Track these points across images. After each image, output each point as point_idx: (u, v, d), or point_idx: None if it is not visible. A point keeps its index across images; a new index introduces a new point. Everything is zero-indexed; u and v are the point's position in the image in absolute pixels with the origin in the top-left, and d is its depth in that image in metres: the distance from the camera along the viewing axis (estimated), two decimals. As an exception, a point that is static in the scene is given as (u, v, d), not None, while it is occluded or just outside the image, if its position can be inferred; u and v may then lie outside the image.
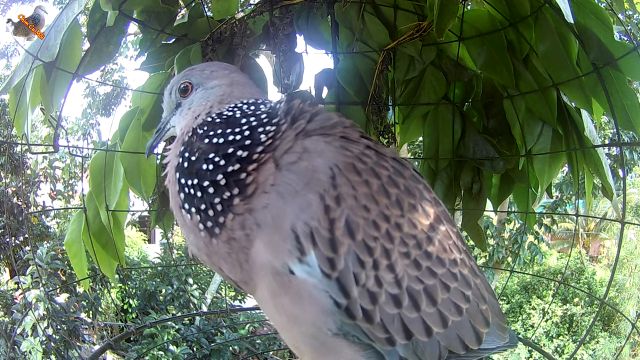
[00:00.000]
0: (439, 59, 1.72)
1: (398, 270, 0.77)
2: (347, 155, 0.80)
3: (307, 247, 0.75)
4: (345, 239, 0.75)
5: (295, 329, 0.82)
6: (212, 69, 0.99)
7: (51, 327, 5.13)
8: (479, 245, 1.87)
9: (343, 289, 0.74)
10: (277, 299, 0.80)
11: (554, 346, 10.36)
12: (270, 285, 0.80)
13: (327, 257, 0.74)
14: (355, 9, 1.68)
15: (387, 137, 1.76)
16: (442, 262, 0.82)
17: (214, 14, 1.66)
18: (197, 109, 0.93)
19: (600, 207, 13.86)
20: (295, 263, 0.75)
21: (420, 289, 0.78)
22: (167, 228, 1.83)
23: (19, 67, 1.36)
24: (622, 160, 1.64)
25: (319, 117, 0.87)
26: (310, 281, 0.75)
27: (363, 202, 0.77)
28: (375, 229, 0.76)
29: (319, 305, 0.76)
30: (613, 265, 2.52)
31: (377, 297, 0.76)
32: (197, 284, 7.46)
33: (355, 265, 0.75)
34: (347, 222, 0.75)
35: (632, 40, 1.44)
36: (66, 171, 8.44)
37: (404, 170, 0.86)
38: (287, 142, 0.82)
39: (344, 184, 0.77)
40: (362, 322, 0.76)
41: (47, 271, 5.18)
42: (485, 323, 0.86)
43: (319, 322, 0.77)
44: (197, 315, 4.00)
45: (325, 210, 0.75)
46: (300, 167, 0.78)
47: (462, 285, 0.84)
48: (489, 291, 0.92)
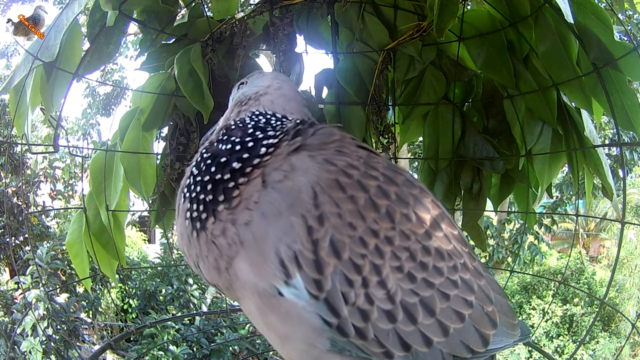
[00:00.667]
0: (439, 59, 1.72)
1: (390, 285, 0.75)
2: (331, 171, 0.78)
3: (292, 271, 0.73)
4: (330, 259, 0.73)
5: (288, 345, 0.81)
6: (267, 74, 1.07)
7: (51, 327, 5.13)
8: (479, 245, 1.87)
9: (332, 309, 0.73)
10: (266, 318, 0.80)
11: (554, 346, 10.36)
12: (257, 304, 0.79)
13: (313, 279, 0.73)
14: (355, 9, 1.68)
15: (387, 137, 1.76)
16: (439, 271, 0.79)
17: (214, 14, 1.66)
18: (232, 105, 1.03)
19: (600, 207, 13.85)
20: (282, 286, 0.75)
21: (415, 302, 0.76)
22: (167, 228, 1.83)
23: (19, 67, 1.36)
24: (622, 160, 1.64)
25: (320, 132, 0.87)
26: (298, 303, 0.74)
27: (348, 220, 0.75)
28: (362, 246, 0.74)
29: (309, 325, 0.75)
30: (613, 265, 2.52)
31: (369, 315, 0.74)
32: (197, 284, 7.44)
33: (343, 284, 0.73)
34: (332, 242, 0.73)
35: (632, 40, 1.44)
36: (66, 171, 8.44)
37: (397, 176, 0.83)
38: (279, 160, 0.82)
39: (327, 202, 0.75)
40: (355, 339, 0.74)
41: (47, 271, 5.18)
42: (492, 325, 0.84)
43: (310, 340, 0.76)
44: (197, 315, 4.00)
45: (308, 232, 0.73)
46: (285, 187, 0.77)
47: (463, 292, 0.81)
48: (496, 290, 0.90)
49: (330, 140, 0.86)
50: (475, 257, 0.90)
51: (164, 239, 8.02)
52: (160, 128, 1.69)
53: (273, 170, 0.80)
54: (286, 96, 1.00)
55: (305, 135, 0.85)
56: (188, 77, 1.51)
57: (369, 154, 0.86)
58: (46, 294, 4.69)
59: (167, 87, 1.61)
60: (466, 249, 0.87)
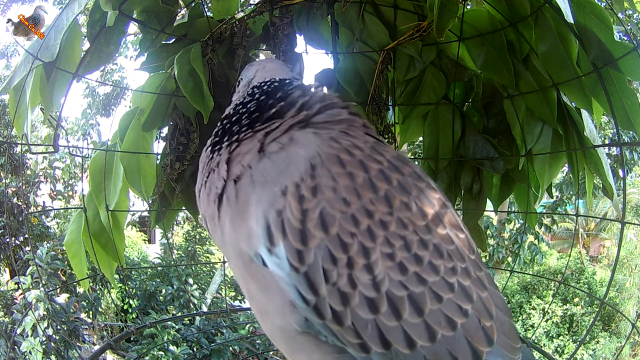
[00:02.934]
0: (439, 59, 1.72)
1: (377, 272, 0.70)
2: (333, 147, 0.77)
3: (276, 238, 0.72)
4: (317, 232, 0.70)
5: (267, 320, 0.79)
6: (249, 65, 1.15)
7: (51, 327, 5.13)
8: (479, 245, 1.87)
9: (311, 285, 0.70)
10: (247, 285, 0.79)
11: (554, 346, 10.36)
12: (239, 269, 0.79)
13: (296, 249, 0.70)
14: (355, 9, 1.68)
15: (387, 137, 1.76)
16: (435, 268, 0.73)
17: (214, 14, 1.66)
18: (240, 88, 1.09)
19: (600, 207, 13.86)
20: (265, 253, 0.73)
21: (403, 296, 0.70)
22: (167, 228, 1.83)
23: (19, 67, 1.36)
24: (622, 160, 1.64)
25: (328, 112, 0.86)
26: (278, 274, 0.72)
27: (343, 195, 0.71)
28: (353, 225, 0.70)
29: (285, 299, 0.72)
30: (613, 265, 2.52)
31: (349, 298, 0.69)
32: (197, 284, 7.46)
33: (325, 260, 0.69)
34: (322, 214, 0.70)
35: (632, 40, 1.44)
36: (66, 171, 8.44)
37: (404, 167, 0.79)
38: (280, 131, 0.82)
39: (324, 175, 0.73)
40: (331, 323, 0.70)
41: (47, 271, 5.18)
42: (487, 341, 0.75)
43: (285, 315, 0.73)
44: (197, 315, 4.00)
45: (299, 200, 0.71)
46: (279, 157, 0.78)
47: (459, 298, 0.74)
48: (500, 307, 0.82)
49: (336, 120, 0.85)
50: (483, 268, 0.83)
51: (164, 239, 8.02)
52: (160, 128, 1.69)
53: (272, 140, 0.81)
54: (275, 69, 1.06)
55: (310, 110, 0.86)
56: (188, 77, 1.51)
57: (377, 142, 0.84)
58: (46, 294, 4.68)
59: (167, 87, 1.61)
60: (472, 256, 0.81)
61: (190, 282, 7.16)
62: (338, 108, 0.88)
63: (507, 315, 0.83)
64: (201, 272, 8.40)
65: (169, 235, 2.22)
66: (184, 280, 7.02)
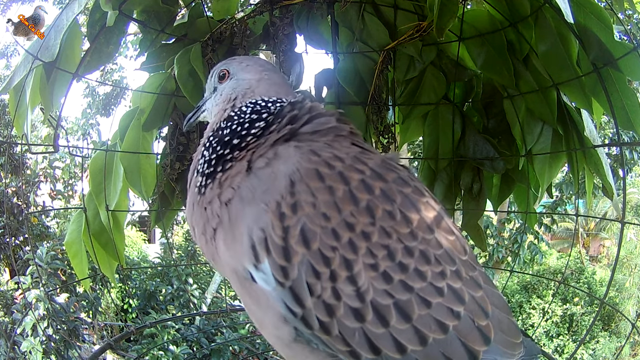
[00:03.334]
0: (439, 59, 1.72)
1: (361, 283, 0.72)
2: (312, 161, 0.78)
3: (261, 255, 0.74)
4: (299, 248, 0.73)
5: (264, 330, 0.83)
6: (249, 62, 1.05)
7: (51, 327, 5.13)
8: (479, 245, 1.87)
9: (297, 298, 0.73)
10: (244, 298, 0.83)
11: (554, 346, 10.36)
12: (236, 284, 0.83)
13: (280, 266, 0.73)
14: (355, 9, 1.68)
15: (387, 137, 1.76)
16: (421, 275, 0.75)
17: (214, 14, 1.66)
18: (225, 99, 1.02)
19: (600, 207, 13.85)
20: (253, 269, 0.76)
21: (389, 304, 0.72)
22: (167, 228, 1.83)
23: (19, 67, 1.36)
24: (622, 160, 1.64)
25: (316, 121, 0.88)
26: (266, 288, 0.75)
27: (322, 210, 0.74)
28: (334, 239, 0.72)
29: (276, 312, 0.75)
30: (613, 265, 2.52)
31: (334, 310, 0.72)
32: (197, 284, 7.45)
33: (309, 275, 0.72)
34: (303, 231, 0.73)
35: (632, 40, 1.44)
36: (66, 171, 8.44)
37: (388, 173, 0.80)
38: (265, 147, 0.85)
39: (303, 191, 0.75)
40: (319, 332, 0.73)
41: (47, 271, 5.18)
42: (484, 340, 0.77)
43: (277, 327, 0.77)
44: (197, 315, 4.00)
45: (280, 218, 0.74)
46: (264, 174, 0.80)
47: (449, 301, 0.76)
48: (497, 305, 0.83)
49: (324, 128, 0.87)
50: (477, 267, 0.85)
51: (164, 239, 8.02)
52: (160, 128, 1.69)
53: (259, 157, 0.83)
54: (277, 84, 1.03)
55: (298, 123, 0.87)
56: (188, 77, 1.51)
57: (363, 151, 0.85)
58: (46, 294, 4.68)
59: (167, 87, 1.61)
60: (464, 257, 0.82)
61: (190, 281, 7.16)
62: (326, 117, 0.90)
63: (506, 312, 0.84)
64: (201, 271, 8.40)
65: (169, 235, 2.22)
66: (184, 280, 7.02)
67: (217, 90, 1.05)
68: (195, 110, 1.13)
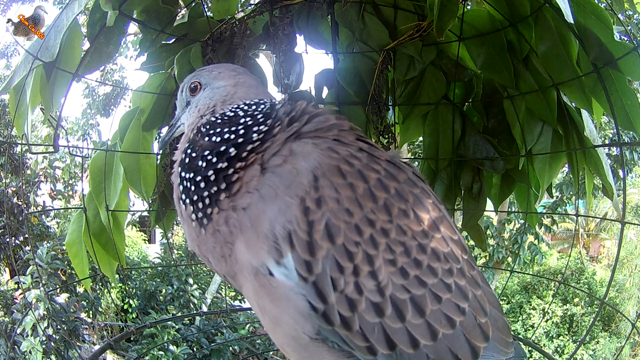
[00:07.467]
0: (439, 59, 1.72)
1: (381, 277, 0.74)
2: (333, 158, 0.79)
3: (284, 250, 0.74)
4: (324, 243, 0.73)
5: (278, 331, 0.81)
6: (220, 70, 1.02)
7: (51, 327, 5.13)
8: (479, 245, 1.87)
9: (320, 293, 0.73)
10: (259, 300, 0.81)
11: (554, 346, 10.36)
12: (253, 285, 0.81)
13: (304, 260, 0.73)
14: (355, 9, 1.68)
15: (387, 137, 1.76)
16: (433, 271, 0.78)
17: (214, 14, 1.66)
18: (202, 108, 0.97)
19: (600, 207, 13.86)
20: (273, 265, 0.75)
21: (406, 299, 0.75)
22: (167, 228, 1.83)
23: (19, 67, 1.36)
24: (622, 160, 1.64)
25: (316, 119, 0.87)
26: (287, 284, 0.75)
27: (346, 206, 0.75)
28: (357, 234, 0.74)
29: (296, 309, 0.75)
30: (613, 265, 2.52)
31: (356, 304, 0.73)
32: (197, 284, 7.45)
33: (333, 270, 0.73)
34: (327, 226, 0.73)
35: (632, 40, 1.44)
36: (66, 171, 8.43)
37: (399, 173, 0.83)
38: (277, 145, 0.83)
39: (327, 187, 0.75)
40: (340, 328, 0.74)
41: (47, 271, 5.18)
42: (484, 337, 0.81)
43: (297, 325, 0.76)
44: (197, 315, 4.00)
45: (305, 213, 0.74)
46: (284, 170, 0.79)
47: (456, 297, 0.79)
48: (492, 304, 0.87)
49: (325, 125, 0.87)
50: (475, 267, 0.88)
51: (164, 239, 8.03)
52: (160, 128, 1.69)
53: (272, 155, 0.82)
54: (254, 86, 1.01)
55: (300, 122, 0.86)
56: (188, 77, 1.51)
57: (371, 147, 0.86)
58: (46, 294, 4.69)
59: (167, 87, 1.61)
60: (465, 256, 0.85)
61: (190, 282, 7.16)
62: (324, 115, 0.89)
63: (500, 312, 0.88)
64: (201, 272, 8.40)
65: (169, 235, 2.22)
66: (184, 280, 7.02)
67: (192, 104, 1.01)
68: (169, 127, 1.09)
